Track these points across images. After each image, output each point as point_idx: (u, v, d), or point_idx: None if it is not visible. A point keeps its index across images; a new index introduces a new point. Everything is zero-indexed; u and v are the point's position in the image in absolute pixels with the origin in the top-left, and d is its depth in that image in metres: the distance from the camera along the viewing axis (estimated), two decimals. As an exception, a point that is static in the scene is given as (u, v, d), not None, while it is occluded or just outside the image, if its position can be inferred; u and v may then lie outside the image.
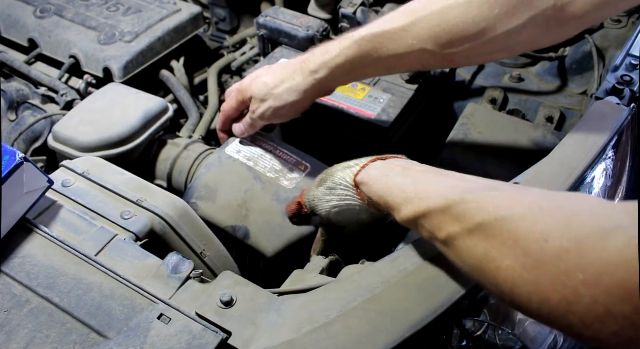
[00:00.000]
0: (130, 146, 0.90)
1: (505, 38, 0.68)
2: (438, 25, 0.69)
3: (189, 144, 0.96)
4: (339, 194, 0.69)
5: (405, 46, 0.71)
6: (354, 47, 0.74)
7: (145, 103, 0.95)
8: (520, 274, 0.43)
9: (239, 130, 0.89)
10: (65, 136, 0.89)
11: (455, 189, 0.53)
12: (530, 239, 0.43)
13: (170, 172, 0.94)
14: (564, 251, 0.40)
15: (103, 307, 0.59)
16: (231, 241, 0.82)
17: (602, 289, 0.38)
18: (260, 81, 0.83)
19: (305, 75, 0.79)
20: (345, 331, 0.55)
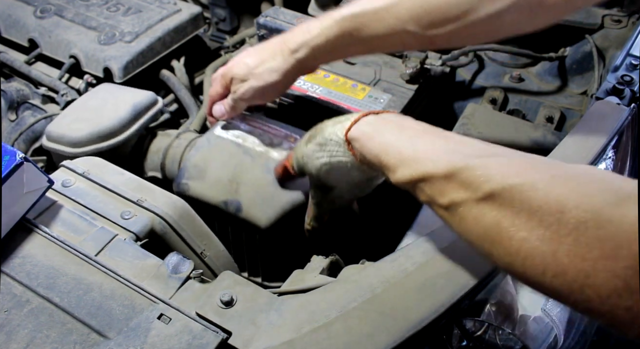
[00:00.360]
0: (121, 137, 0.91)
1: (488, 21, 0.67)
2: (420, 6, 0.68)
3: (180, 133, 0.96)
4: (329, 150, 0.67)
5: (386, 26, 0.71)
6: (335, 27, 0.73)
7: (134, 96, 0.96)
8: (536, 246, 0.42)
9: (219, 111, 0.88)
10: (57, 134, 0.90)
11: (457, 153, 0.52)
12: (546, 209, 0.42)
13: (163, 162, 0.94)
14: (582, 223, 0.40)
15: (103, 307, 0.59)
16: (225, 217, 0.82)
17: (621, 262, 0.37)
18: (242, 61, 0.82)
19: (286, 55, 0.78)
20: (345, 331, 0.55)
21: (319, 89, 0.98)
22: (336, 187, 0.71)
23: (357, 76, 1.01)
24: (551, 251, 0.41)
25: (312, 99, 0.97)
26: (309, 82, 1.00)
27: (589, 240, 0.39)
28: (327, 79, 1.01)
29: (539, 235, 0.42)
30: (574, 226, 0.40)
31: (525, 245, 0.43)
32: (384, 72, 1.02)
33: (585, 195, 0.41)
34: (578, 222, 0.40)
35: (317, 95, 0.97)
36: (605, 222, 0.39)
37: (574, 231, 0.40)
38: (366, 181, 0.70)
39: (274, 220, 0.80)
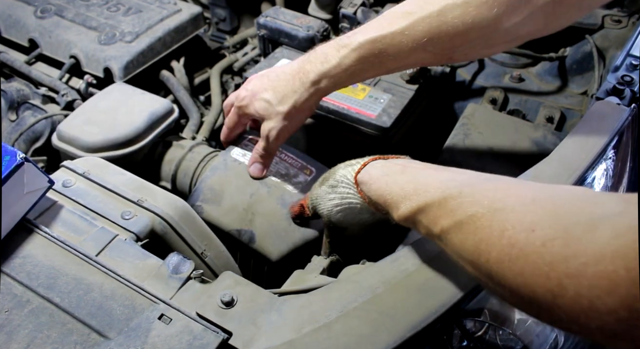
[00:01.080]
0: (136, 147, 0.90)
1: (505, 35, 0.68)
2: (437, 26, 0.68)
3: (193, 146, 0.96)
4: (340, 192, 0.69)
5: (405, 49, 0.71)
6: (353, 55, 0.74)
7: (151, 104, 0.95)
8: (507, 266, 0.42)
9: (256, 170, 0.86)
10: (69, 136, 0.89)
11: (453, 181, 0.53)
12: (518, 229, 0.42)
13: (175, 174, 0.94)
14: (549, 240, 0.39)
15: (103, 307, 0.59)
16: (235, 244, 0.82)
17: (586, 281, 0.36)
18: (261, 99, 0.81)
19: (307, 86, 0.78)
20: (346, 331, 0.55)
21: (319, 89, 0.98)
22: (347, 228, 0.73)
23: (358, 76, 1.01)
24: (520, 269, 0.41)
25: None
26: (309, 82, 0.99)
27: (555, 258, 0.39)
28: (328, 79, 1.00)
29: (508, 253, 0.42)
30: (542, 244, 0.40)
31: (499, 266, 0.43)
32: None
33: (559, 215, 0.41)
34: (545, 240, 0.40)
35: (317, 95, 0.97)
36: (574, 240, 0.38)
37: (540, 248, 0.40)
38: (376, 223, 0.71)
39: (284, 254, 0.81)
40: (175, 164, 0.94)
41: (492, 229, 0.44)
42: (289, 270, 0.71)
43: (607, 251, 0.36)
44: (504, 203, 0.45)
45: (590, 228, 0.38)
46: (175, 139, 0.99)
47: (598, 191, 0.60)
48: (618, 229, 0.36)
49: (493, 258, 0.43)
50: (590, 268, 0.36)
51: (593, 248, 0.37)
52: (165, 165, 0.96)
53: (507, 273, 0.42)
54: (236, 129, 0.90)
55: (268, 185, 0.85)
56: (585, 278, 0.36)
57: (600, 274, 0.36)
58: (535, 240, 0.40)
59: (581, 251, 0.37)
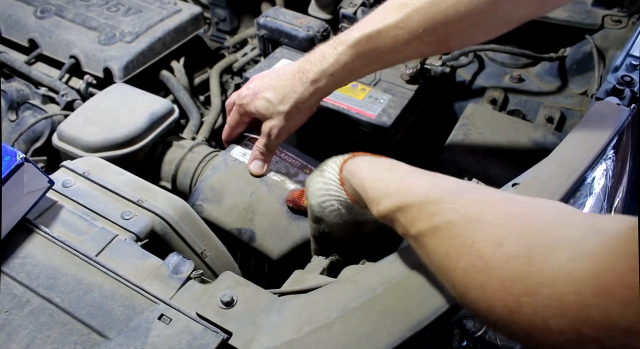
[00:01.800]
0: (136, 147, 0.90)
1: (500, 19, 0.68)
2: (431, 17, 0.69)
3: (193, 146, 0.96)
4: (325, 177, 0.69)
5: (401, 42, 0.71)
6: (350, 51, 0.74)
7: (151, 104, 0.95)
8: (471, 277, 0.43)
9: (257, 167, 0.86)
10: (70, 136, 0.89)
11: (437, 187, 0.53)
12: (487, 242, 0.43)
13: (175, 174, 0.94)
14: (513, 257, 0.40)
15: (103, 307, 0.59)
16: (236, 243, 0.82)
17: (541, 301, 0.37)
18: (262, 98, 0.82)
19: (307, 86, 0.78)
20: (346, 332, 0.55)
21: (319, 90, 0.98)
22: (325, 221, 0.72)
23: (357, 76, 1.01)
24: (482, 282, 0.41)
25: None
26: (309, 82, 1.00)
27: (517, 275, 0.39)
28: (327, 79, 1.01)
29: (473, 265, 0.42)
30: (506, 259, 0.40)
31: (464, 276, 0.43)
32: (384, 72, 1.02)
33: (527, 233, 0.41)
34: (510, 256, 0.40)
35: (317, 95, 0.97)
36: (535, 260, 0.38)
37: (504, 263, 0.40)
38: (354, 223, 0.71)
39: (285, 252, 0.81)
40: (175, 164, 0.94)
41: (465, 238, 0.45)
42: (289, 270, 0.71)
43: (562, 273, 0.36)
44: (481, 215, 0.46)
45: (552, 249, 0.38)
46: (175, 139, 0.99)
47: (578, 210, 0.59)
48: (575, 252, 0.37)
49: (460, 267, 0.44)
50: (546, 288, 0.37)
51: (550, 269, 0.37)
52: (165, 165, 0.96)
53: (470, 284, 0.43)
54: (237, 128, 0.90)
55: (268, 184, 0.85)
56: (540, 297, 0.37)
57: (554, 296, 0.36)
58: (502, 255, 0.41)
59: (540, 271, 0.38)
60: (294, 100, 0.79)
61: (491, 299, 0.40)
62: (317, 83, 0.78)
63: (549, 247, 0.39)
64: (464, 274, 0.43)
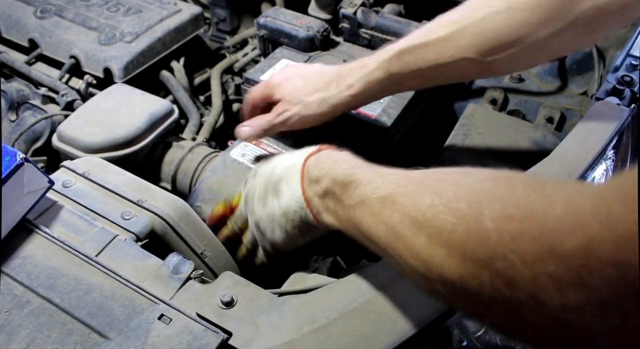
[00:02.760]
0: (136, 147, 0.90)
1: (546, 42, 0.67)
2: (481, 33, 0.68)
3: (193, 147, 0.96)
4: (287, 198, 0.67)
5: (446, 56, 0.70)
6: (393, 59, 0.73)
7: (151, 105, 0.95)
8: (451, 222, 0.42)
9: (246, 133, 0.83)
10: (69, 136, 0.89)
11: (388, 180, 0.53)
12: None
13: (175, 174, 0.94)
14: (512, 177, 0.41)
15: (104, 307, 0.59)
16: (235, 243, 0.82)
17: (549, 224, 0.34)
18: (292, 84, 0.80)
19: (341, 89, 0.77)
20: (346, 332, 0.55)
21: (319, 90, 0.98)
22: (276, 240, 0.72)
23: (357, 76, 1.01)
24: (474, 215, 0.39)
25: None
26: (309, 82, 1.00)
27: (520, 199, 0.37)
28: (327, 79, 1.01)
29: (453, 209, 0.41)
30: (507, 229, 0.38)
31: (433, 212, 0.42)
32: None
33: (516, 195, 0.40)
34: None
35: (317, 95, 0.97)
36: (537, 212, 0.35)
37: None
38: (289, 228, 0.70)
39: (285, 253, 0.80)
40: (175, 164, 0.94)
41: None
42: (289, 270, 0.71)
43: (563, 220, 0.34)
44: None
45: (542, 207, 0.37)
46: (175, 139, 0.99)
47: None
48: (567, 204, 0.34)
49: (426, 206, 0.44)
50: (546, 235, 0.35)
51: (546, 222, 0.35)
52: (165, 166, 0.96)
53: (447, 226, 0.41)
54: (257, 102, 0.85)
55: None
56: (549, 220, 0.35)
57: (558, 218, 0.34)
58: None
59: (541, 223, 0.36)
60: (322, 96, 0.78)
61: (487, 230, 0.37)
62: (352, 88, 0.76)
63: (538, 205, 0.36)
64: (433, 209, 0.42)
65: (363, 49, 1.11)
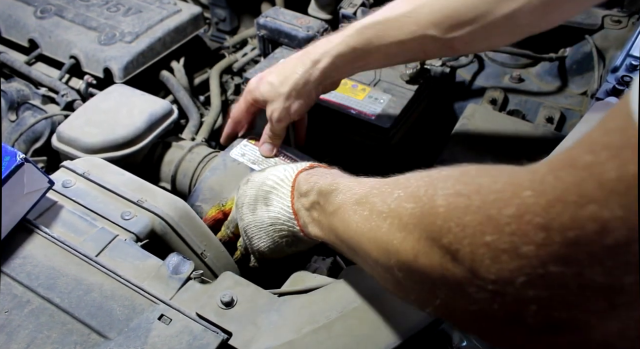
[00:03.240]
0: (135, 148, 0.90)
1: (505, 21, 0.68)
2: (439, 10, 0.70)
3: (193, 147, 0.96)
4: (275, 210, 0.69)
5: (406, 32, 0.72)
6: (356, 35, 0.75)
7: (151, 105, 0.95)
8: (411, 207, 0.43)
9: (267, 150, 0.87)
10: (69, 137, 0.89)
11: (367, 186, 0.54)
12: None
13: (174, 174, 0.94)
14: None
15: (104, 307, 0.59)
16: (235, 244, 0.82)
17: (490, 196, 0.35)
18: (265, 82, 0.82)
19: (307, 67, 0.78)
20: (346, 332, 0.55)
21: (319, 90, 0.98)
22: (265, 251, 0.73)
23: (357, 76, 1.01)
24: (429, 195, 0.40)
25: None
26: (309, 82, 1.00)
27: (470, 178, 0.38)
28: (327, 79, 1.01)
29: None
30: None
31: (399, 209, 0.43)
32: (384, 72, 1.02)
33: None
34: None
35: (317, 95, 0.97)
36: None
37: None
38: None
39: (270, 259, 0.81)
40: (174, 165, 0.94)
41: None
42: (289, 270, 0.71)
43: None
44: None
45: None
46: (174, 140, 0.99)
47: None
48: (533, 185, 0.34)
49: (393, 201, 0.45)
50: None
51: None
52: (164, 166, 0.96)
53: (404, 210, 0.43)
54: (241, 120, 0.89)
55: None
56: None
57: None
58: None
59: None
60: (294, 81, 0.79)
61: (437, 204, 0.38)
62: (318, 63, 0.77)
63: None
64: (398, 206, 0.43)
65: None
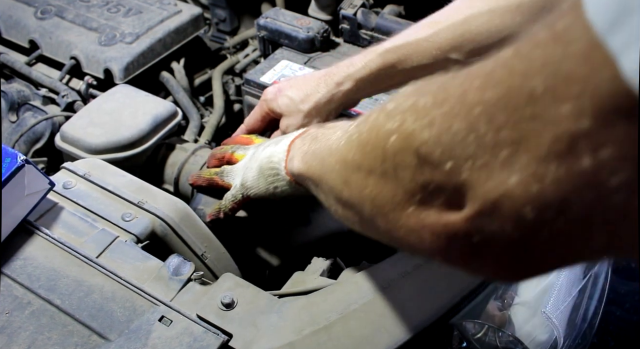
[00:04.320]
0: (139, 149, 0.90)
1: None
2: (461, 35, 0.70)
3: (196, 149, 0.96)
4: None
5: (428, 56, 0.72)
6: (378, 60, 0.75)
7: (155, 106, 0.95)
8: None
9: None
10: (73, 137, 0.89)
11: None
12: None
13: (177, 177, 0.94)
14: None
15: (104, 309, 0.59)
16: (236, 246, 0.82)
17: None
18: (285, 95, 0.82)
19: (330, 88, 0.78)
20: (346, 333, 0.55)
21: (319, 91, 0.98)
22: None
23: (358, 77, 1.01)
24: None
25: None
26: (309, 83, 1.00)
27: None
28: (328, 80, 1.01)
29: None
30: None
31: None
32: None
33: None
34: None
35: (317, 96, 0.97)
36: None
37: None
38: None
39: (285, 258, 0.81)
40: (178, 167, 0.94)
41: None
42: (289, 271, 0.71)
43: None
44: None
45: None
46: (178, 141, 0.99)
47: None
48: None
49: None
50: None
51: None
52: (168, 168, 0.96)
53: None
54: (257, 126, 0.88)
55: None
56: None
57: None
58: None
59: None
60: (316, 100, 0.79)
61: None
62: (340, 86, 0.78)
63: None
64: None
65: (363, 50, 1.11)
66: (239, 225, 0.82)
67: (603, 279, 0.77)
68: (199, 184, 0.80)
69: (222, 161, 0.80)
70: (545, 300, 0.64)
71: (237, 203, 0.74)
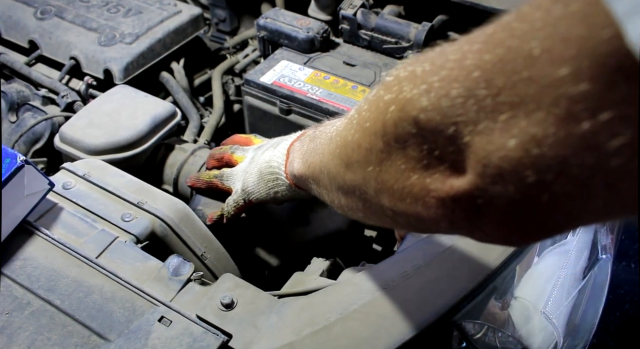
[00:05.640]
0: (138, 150, 0.90)
1: None
2: None
3: (195, 150, 0.96)
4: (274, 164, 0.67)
5: None
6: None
7: (154, 107, 0.95)
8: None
9: None
10: (72, 138, 0.89)
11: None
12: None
13: (177, 177, 0.94)
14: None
15: (104, 309, 0.59)
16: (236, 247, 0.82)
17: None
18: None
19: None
20: (346, 334, 0.55)
21: (319, 91, 0.98)
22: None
23: (358, 78, 1.01)
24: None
25: (313, 100, 0.97)
26: (309, 84, 1.00)
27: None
28: (327, 80, 1.01)
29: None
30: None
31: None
32: (384, 73, 1.02)
33: None
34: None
35: (317, 97, 0.97)
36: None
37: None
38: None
39: (284, 258, 0.81)
40: (177, 167, 0.94)
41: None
42: (289, 272, 0.71)
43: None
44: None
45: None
46: (177, 142, 0.99)
47: None
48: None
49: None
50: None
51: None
52: (167, 168, 0.96)
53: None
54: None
55: None
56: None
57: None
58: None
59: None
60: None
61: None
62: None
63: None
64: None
65: (363, 50, 1.11)
66: (238, 225, 0.82)
67: (603, 279, 0.77)
68: (198, 187, 0.80)
69: (221, 162, 0.80)
70: (545, 300, 0.64)
71: (240, 208, 0.75)
